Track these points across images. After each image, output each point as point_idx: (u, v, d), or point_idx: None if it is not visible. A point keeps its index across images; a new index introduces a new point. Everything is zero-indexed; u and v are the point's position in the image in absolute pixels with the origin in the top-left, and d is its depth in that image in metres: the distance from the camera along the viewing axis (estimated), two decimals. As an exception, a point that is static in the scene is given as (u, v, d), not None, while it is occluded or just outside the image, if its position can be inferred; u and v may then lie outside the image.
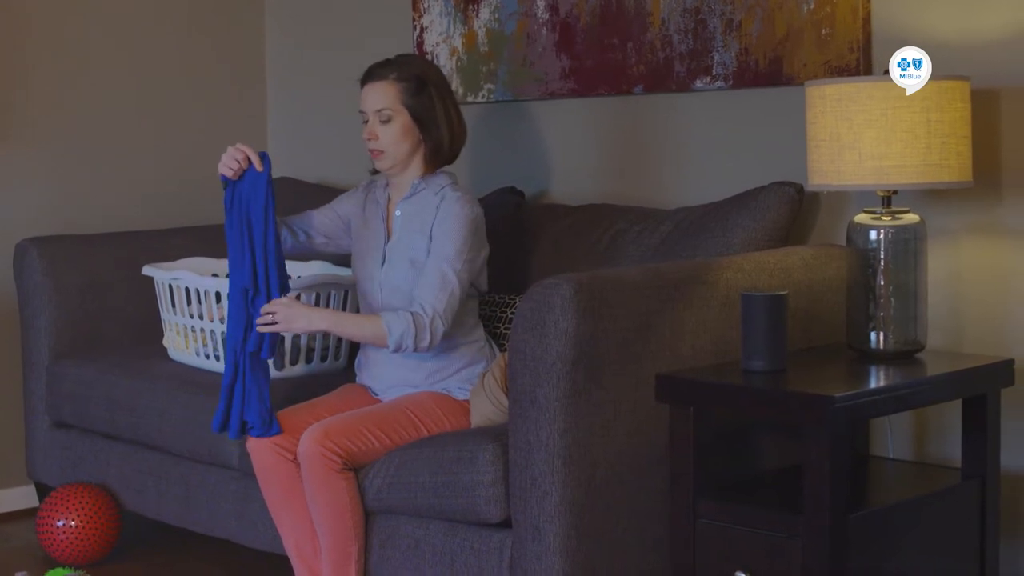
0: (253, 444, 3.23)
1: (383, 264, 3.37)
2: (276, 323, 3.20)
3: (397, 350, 3.19)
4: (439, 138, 3.35)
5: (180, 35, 4.71)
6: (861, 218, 2.99)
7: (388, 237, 3.39)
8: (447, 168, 3.43)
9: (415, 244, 3.32)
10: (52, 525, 3.81)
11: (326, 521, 3.13)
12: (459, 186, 3.37)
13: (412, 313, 3.17)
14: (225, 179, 3.28)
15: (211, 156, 4.72)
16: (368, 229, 3.44)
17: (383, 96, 3.32)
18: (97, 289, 4.18)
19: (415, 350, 3.19)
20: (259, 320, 3.21)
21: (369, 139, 3.34)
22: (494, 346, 3.42)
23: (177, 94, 4.71)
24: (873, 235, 2.95)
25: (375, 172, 3.47)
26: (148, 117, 4.65)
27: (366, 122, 3.35)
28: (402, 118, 3.32)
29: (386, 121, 3.32)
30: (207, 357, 3.78)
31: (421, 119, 3.33)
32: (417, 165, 3.37)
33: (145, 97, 4.64)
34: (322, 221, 3.51)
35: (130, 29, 4.60)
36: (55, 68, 4.46)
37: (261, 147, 4.89)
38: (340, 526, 3.13)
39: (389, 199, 3.44)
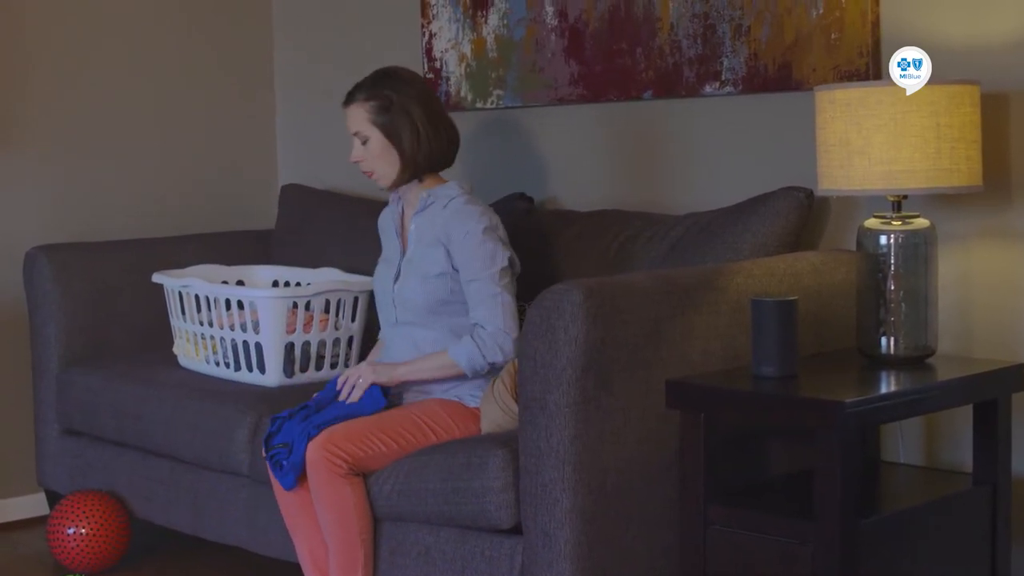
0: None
1: (397, 278, 3.37)
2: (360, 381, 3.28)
3: (475, 375, 3.24)
4: (410, 153, 3.34)
5: (188, 42, 4.72)
6: (871, 223, 2.98)
7: (403, 251, 3.40)
8: (458, 176, 3.42)
9: (428, 258, 3.31)
10: (62, 533, 3.81)
11: (332, 526, 3.13)
12: (470, 196, 3.36)
13: (471, 336, 3.21)
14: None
15: (219, 163, 4.79)
16: (386, 239, 3.47)
17: (355, 119, 3.38)
18: (106, 296, 4.19)
19: (491, 367, 3.22)
20: (341, 387, 3.28)
21: (356, 161, 3.38)
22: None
23: (185, 101, 4.71)
24: (883, 240, 2.95)
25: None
26: (155, 124, 4.65)
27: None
28: (375, 138, 3.35)
29: (364, 143, 3.36)
30: (217, 364, 3.78)
31: (391, 136, 3.34)
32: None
33: (152, 104, 4.64)
34: None
35: (137, 36, 4.61)
36: (61, 75, 4.46)
37: (270, 154, 4.91)
38: (346, 531, 3.12)
39: (403, 211, 3.45)
